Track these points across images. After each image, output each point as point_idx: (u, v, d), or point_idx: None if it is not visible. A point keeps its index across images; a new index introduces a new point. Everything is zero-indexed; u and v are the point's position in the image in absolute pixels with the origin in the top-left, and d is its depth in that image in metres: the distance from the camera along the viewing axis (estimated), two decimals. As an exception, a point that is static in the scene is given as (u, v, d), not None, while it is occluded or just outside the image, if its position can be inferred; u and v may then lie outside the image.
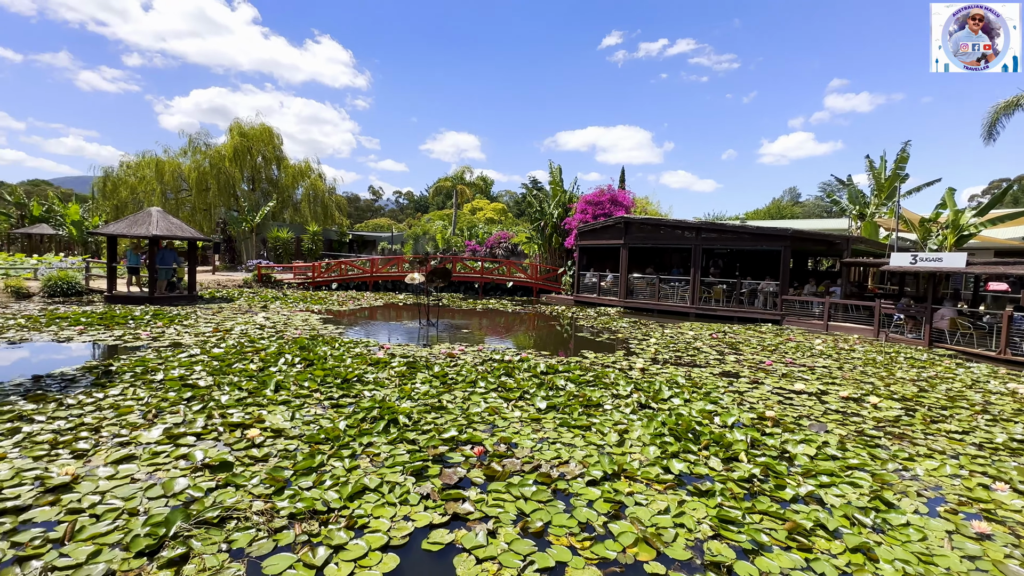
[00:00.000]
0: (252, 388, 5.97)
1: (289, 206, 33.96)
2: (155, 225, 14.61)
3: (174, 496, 3.41)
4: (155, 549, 2.81)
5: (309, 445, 4.39)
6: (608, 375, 7.45)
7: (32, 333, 9.37)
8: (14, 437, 4.30)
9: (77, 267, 18.17)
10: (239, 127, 31.49)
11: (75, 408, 5.10)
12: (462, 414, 5.40)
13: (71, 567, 2.63)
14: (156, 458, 4.01)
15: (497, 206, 54.37)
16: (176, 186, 30.41)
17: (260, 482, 3.65)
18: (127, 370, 6.64)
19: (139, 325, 10.51)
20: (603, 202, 21.12)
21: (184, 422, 4.80)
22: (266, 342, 8.99)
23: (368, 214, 72.67)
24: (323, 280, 22.52)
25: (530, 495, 3.64)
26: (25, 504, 3.24)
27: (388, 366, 7.47)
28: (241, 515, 3.20)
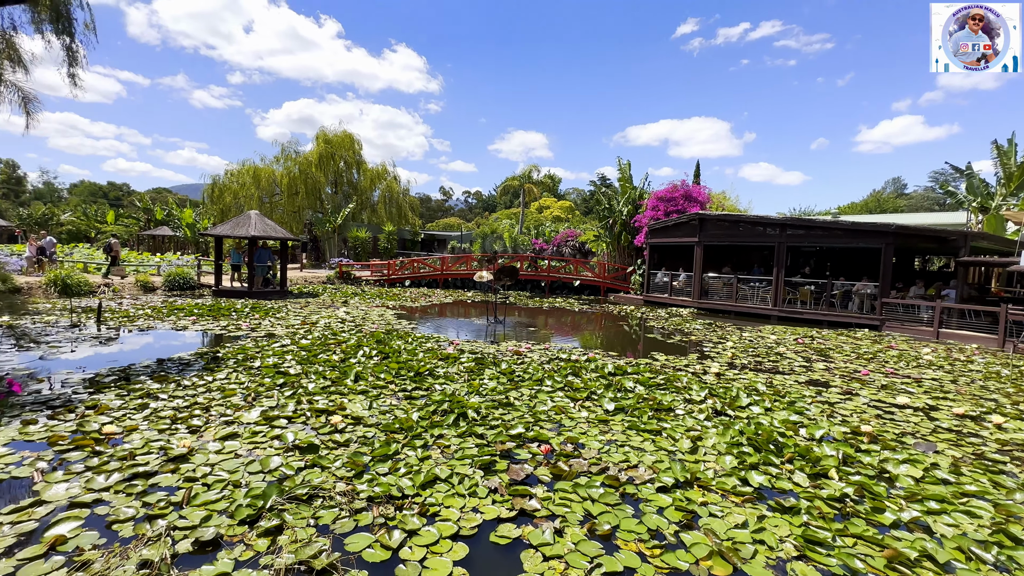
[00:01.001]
0: (335, 377, 6.43)
1: (367, 207, 36.03)
2: (253, 227, 16.16)
3: (270, 472, 3.77)
4: (255, 519, 3.13)
5: (385, 433, 4.65)
6: (680, 379, 7.16)
7: (156, 321, 10.75)
8: (143, 412, 4.97)
9: (190, 265, 20.55)
10: (324, 135, 33.90)
11: (190, 389, 5.79)
12: (529, 411, 5.44)
13: (188, 528, 3.00)
14: (255, 437, 4.45)
15: (564, 204, 54.04)
16: (270, 191, 33.37)
17: (342, 465, 3.92)
18: (231, 357, 7.42)
19: (240, 317, 11.70)
20: (676, 198, 20.25)
21: (277, 406, 5.28)
22: (347, 335, 9.63)
23: (439, 214, 75.28)
24: (397, 277, 23.68)
25: (597, 497, 3.59)
26: (152, 470, 3.74)
27: (457, 361, 7.70)
28: (326, 494, 3.46)
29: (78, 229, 41.45)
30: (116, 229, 40.12)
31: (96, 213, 45.65)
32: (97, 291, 15.08)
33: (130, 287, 16.32)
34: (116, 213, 43.61)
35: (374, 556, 2.84)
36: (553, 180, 61.06)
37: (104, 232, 39.65)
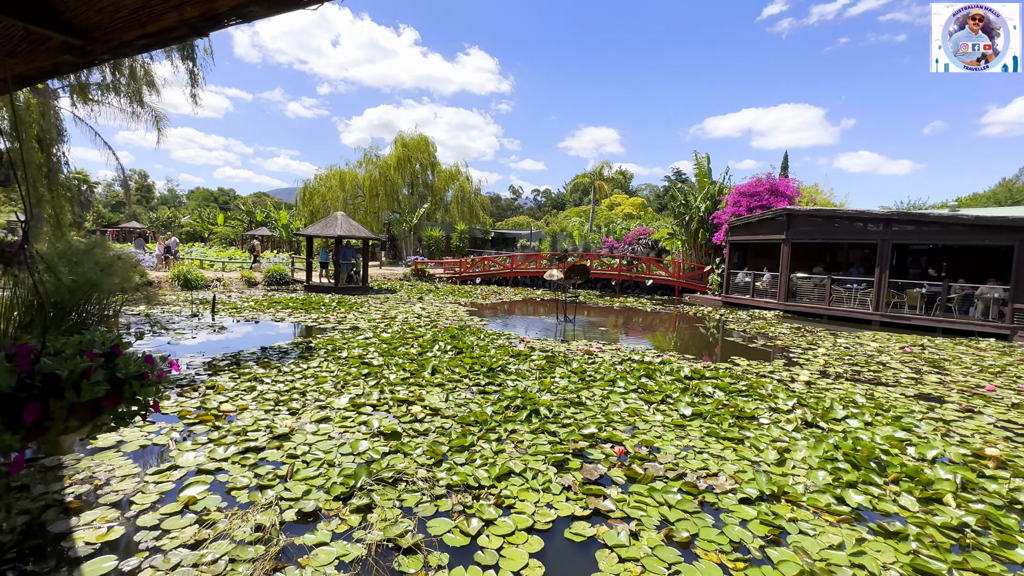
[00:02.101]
0: (413, 370, 6.79)
1: (441, 207, 37.41)
2: (339, 227, 17.40)
3: (359, 455, 4.08)
4: (347, 496, 3.41)
5: (461, 425, 4.84)
6: (764, 386, 6.72)
7: (258, 313, 11.96)
8: (251, 394, 5.58)
9: (285, 262, 22.57)
10: (402, 139, 35.67)
11: (289, 375, 6.40)
12: (601, 412, 5.40)
13: (292, 499, 3.34)
14: (344, 422, 4.83)
15: (636, 201, 52.51)
16: (353, 193, 35.73)
17: (423, 453, 4.15)
18: (322, 347, 8.08)
19: (328, 310, 12.68)
20: (760, 192, 18.94)
21: (363, 394, 5.68)
22: (423, 330, 10.10)
23: (508, 212, 76.24)
24: (469, 275, 24.36)
25: (674, 503, 3.50)
26: (261, 446, 4.19)
27: (528, 359, 7.80)
28: (409, 479, 3.69)
29: (195, 230, 47.00)
30: (224, 230, 45.00)
31: (209, 216, 51.50)
32: (211, 285, 17.04)
33: (236, 282, 18.26)
34: (224, 216, 48.90)
35: (454, 541, 2.99)
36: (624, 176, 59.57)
37: (215, 232, 44.59)
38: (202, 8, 1.30)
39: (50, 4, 1.45)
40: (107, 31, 1.50)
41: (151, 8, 1.37)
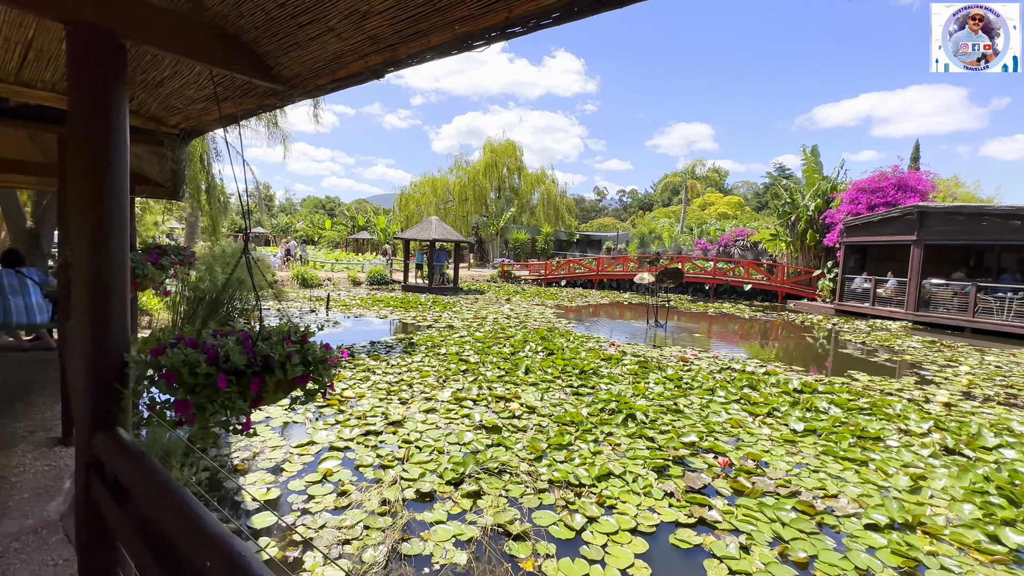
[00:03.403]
0: (508, 368, 7.06)
1: (526, 210, 38.01)
2: (434, 231, 18.45)
3: (464, 445, 4.38)
4: (458, 481, 3.69)
5: (558, 425, 4.97)
6: (891, 404, 6.04)
7: (364, 310, 13.10)
8: (366, 383, 6.18)
9: (384, 264, 24.39)
10: (490, 145, 36.81)
11: (396, 368, 6.98)
12: (700, 421, 5.23)
13: (410, 479, 3.69)
14: (449, 413, 5.18)
15: (732, 200, 49.23)
16: (444, 198, 37.58)
17: (523, 448, 4.34)
18: (422, 343, 8.68)
19: (424, 309, 13.52)
20: (883, 188, 16.87)
21: (463, 389, 6.04)
22: (513, 330, 10.40)
23: (592, 214, 75.26)
24: (554, 277, 24.50)
25: (788, 521, 3.32)
26: (379, 430, 4.66)
27: (620, 363, 7.74)
28: (513, 471, 3.89)
29: (307, 235, 52.37)
30: (331, 234, 49.57)
31: (318, 221, 57.11)
32: (323, 284, 18.96)
33: (344, 281, 20.10)
34: (331, 221, 53.91)
35: (559, 533, 3.12)
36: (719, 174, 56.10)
37: (324, 236, 49.28)
38: (385, 56, 1.56)
39: (265, 61, 1.82)
40: (305, 79, 1.85)
41: (342, 59, 1.67)
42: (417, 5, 1.33)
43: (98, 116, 1.42)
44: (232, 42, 1.72)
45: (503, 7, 1.24)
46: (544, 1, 1.18)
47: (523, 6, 1.21)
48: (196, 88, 2.27)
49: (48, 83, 2.27)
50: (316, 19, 1.50)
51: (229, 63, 1.74)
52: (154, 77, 2.21)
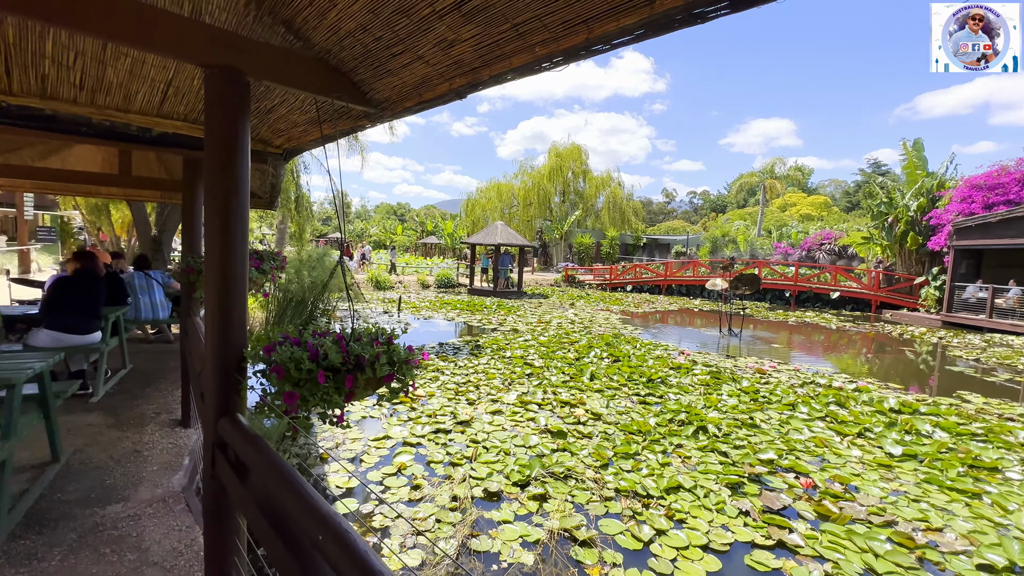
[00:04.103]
0: (572, 374, 7.04)
1: (591, 214, 37.57)
2: (499, 235, 18.79)
3: (530, 448, 4.44)
4: (524, 483, 3.76)
5: (624, 433, 4.89)
6: (1011, 432, 5.32)
7: (432, 311, 13.62)
8: (436, 383, 6.44)
9: (450, 267, 25.18)
10: (555, 149, 36.85)
11: (463, 369, 7.21)
12: (780, 437, 4.92)
13: (478, 478, 3.81)
14: (514, 416, 5.28)
15: (817, 200, 45.59)
16: (509, 203, 38.10)
17: (589, 455, 4.33)
18: (488, 346, 8.88)
19: (489, 312, 13.81)
20: (1004, 184, 14.85)
21: (528, 392, 6.12)
22: (577, 336, 10.34)
23: (660, 217, 72.77)
24: (619, 282, 24.00)
25: (882, 552, 3.05)
26: (448, 428, 4.85)
27: (690, 372, 7.45)
28: (579, 477, 3.90)
29: (379, 239, 55.33)
30: (401, 239, 51.97)
31: (390, 227, 60.11)
32: (395, 287, 19.94)
33: (413, 285, 21.01)
34: (402, 226, 56.54)
35: (626, 543, 3.08)
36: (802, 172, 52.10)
37: (395, 241, 51.79)
38: (469, 79, 1.67)
39: (360, 88, 2.01)
40: (394, 102, 2.01)
41: (429, 83, 1.81)
42: (500, 32, 1.42)
43: (227, 142, 1.65)
44: (333, 72, 1.92)
45: (583, 28, 1.29)
46: (625, 20, 1.21)
47: (603, 27, 1.25)
48: (300, 113, 2.54)
49: (181, 114, 2.64)
50: (408, 49, 1.64)
51: (330, 91, 1.94)
52: (265, 105, 2.51)
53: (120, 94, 2.41)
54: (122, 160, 5.35)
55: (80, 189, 7.14)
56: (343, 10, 1.59)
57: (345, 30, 1.69)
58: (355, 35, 1.71)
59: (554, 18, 1.30)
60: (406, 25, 1.54)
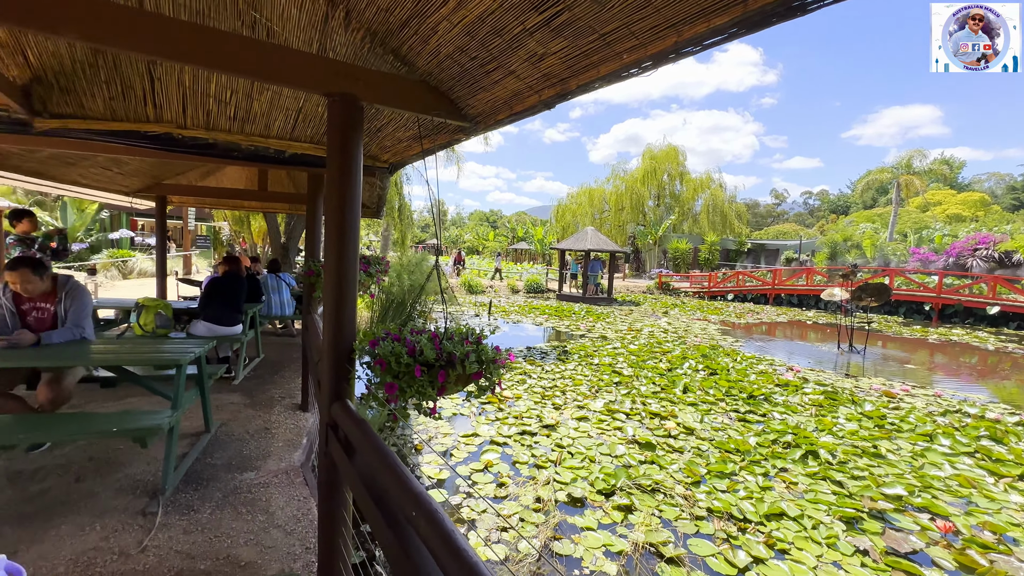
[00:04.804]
0: (663, 385, 6.75)
1: (688, 218, 35.66)
2: (589, 241, 18.60)
3: (616, 457, 4.35)
4: (609, 492, 3.70)
5: (719, 450, 4.59)
6: None
7: (521, 316, 13.87)
8: (523, 386, 6.57)
9: (539, 273, 25.41)
10: (650, 152, 35.61)
11: (550, 374, 7.26)
12: (911, 471, 4.27)
13: (562, 482, 3.83)
14: (600, 424, 5.20)
15: (971, 197, 38.82)
16: (600, 208, 37.51)
17: (679, 470, 4.13)
18: (576, 352, 8.84)
19: (578, 318, 13.72)
20: None
21: (616, 401, 5.99)
22: (670, 345, 9.88)
23: (768, 220, 66.76)
24: (719, 290, 22.46)
25: (1049, 621, 2.53)
26: (533, 431, 4.92)
27: (800, 391, 6.76)
28: (668, 492, 3.74)
29: (472, 245, 57.58)
30: (493, 245, 53.56)
31: (483, 233, 62.31)
32: (486, 291, 20.63)
33: (504, 289, 21.56)
34: (494, 232, 58.30)
35: (719, 567, 2.90)
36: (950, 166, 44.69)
37: (487, 247, 53.53)
38: (557, 89, 1.73)
39: (456, 104, 2.17)
40: (487, 115, 2.14)
41: (519, 96, 1.90)
42: (588, 42, 1.45)
43: (344, 160, 1.88)
44: (433, 92, 2.10)
45: (672, 32, 1.28)
46: (716, 20, 1.19)
47: (693, 28, 1.24)
48: (404, 130, 2.79)
49: (308, 137, 3.04)
50: (500, 65, 1.75)
51: (430, 109, 2.12)
52: (375, 125, 2.80)
53: (262, 122, 2.84)
54: (260, 178, 6.23)
55: (229, 203, 8.43)
56: (443, 35, 1.74)
57: (444, 53, 1.84)
58: (453, 57, 1.85)
59: (642, 25, 1.31)
60: (499, 44, 1.65)
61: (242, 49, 1.72)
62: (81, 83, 2.36)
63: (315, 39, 2.11)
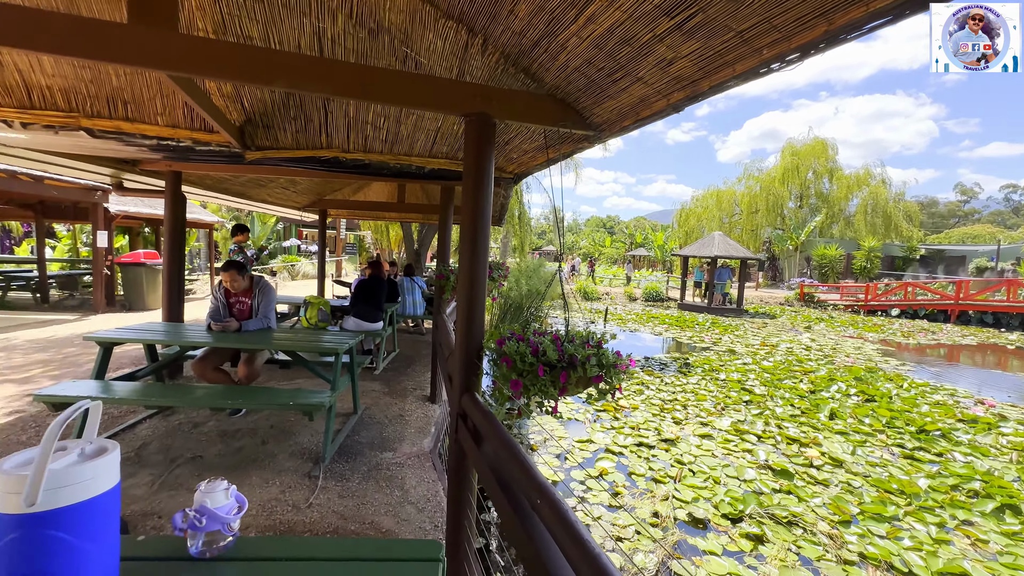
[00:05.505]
0: (804, 408, 6.00)
1: (839, 220, 31.13)
2: (716, 247, 17.27)
3: (745, 482, 4.00)
4: (736, 519, 3.42)
5: (877, 489, 3.95)
6: None
7: (639, 324, 13.39)
8: (640, 396, 6.36)
9: (659, 280, 24.24)
10: (791, 147, 31.88)
11: (670, 386, 6.91)
12: None
13: (682, 500, 3.64)
14: (727, 444, 4.82)
15: None
16: (730, 211, 34.54)
17: (823, 504, 3.65)
18: (699, 365, 8.28)
19: (702, 330, 12.81)
20: None
21: (746, 422, 5.48)
22: (813, 364, 8.73)
23: (951, 222, 55.19)
24: (879, 304, 19.19)
25: None
26: (651, 443, 4.74)
27: (994, 430, 5.49)
28: (808, 528, 3.34)
29: (588, 252, 57.10)
30: (610, 251, 52.52)
31: (599, 239, 61.44)
32: (602, 297, 20.33)
33: (620, 297, 21.01)
34: (611, 239, 57.12)
35: (873, 622, 2.51)
36: None
37: (604, 253, 52.69)
38: (687, 92, 1.70)
39: (582, 114, 2.23)
40: (612, 123, 2.17)
41: (646, 101, 1.90)
42: (723, 41, 1.41)
43: (478, 174, 2.06)
44: (560, 104, 2.19)
45: (822, 21, 1.19)
46: (876, 3, 1.08)
47: (847, 15, 1.13)
48: (529, 142, 2.94)
49: (444, 153, 3.37)
50: (628, 73, 1.77)
51: (556, 120, 2.21)
52: (503, 139, 2.99)
53: (407, 143, 3.22)
54: (399, 192, 6.98)
55: (373, 214, 9.58)
56: (572, 50, 1.82)
57: (572, 67, 1.92)
58: (580, 69, 1.92)
59: (785, 17, 1.24)
60: (627, 52, 1.67)
61: (395, 81, 1.99)
62: (277, 120, 2.93)
63: (455, 66, 2.34)
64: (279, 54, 2.03)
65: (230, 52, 1.80)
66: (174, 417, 3.65)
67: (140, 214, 9.70)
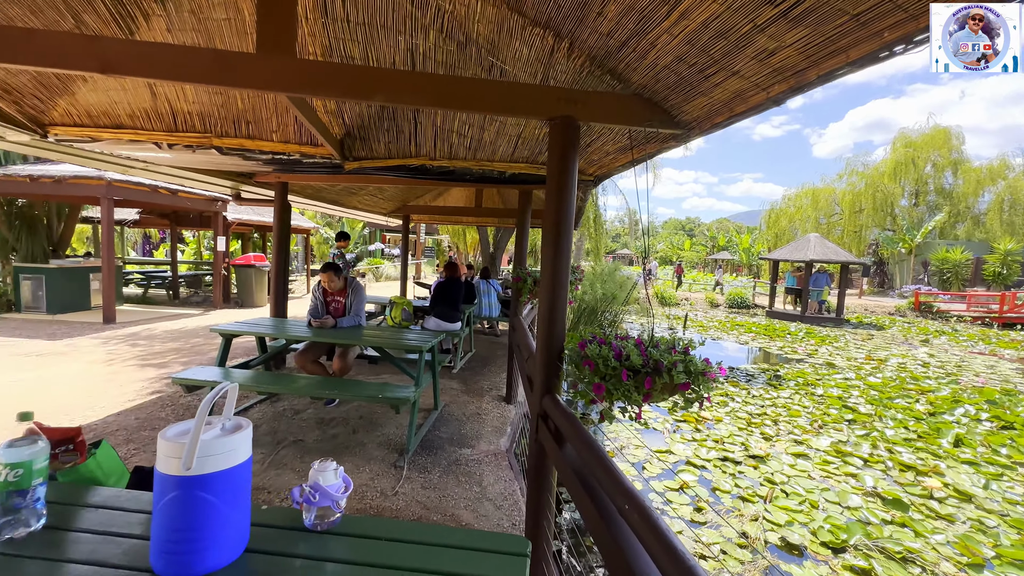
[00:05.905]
0: (922, 432, 5.31)
1: (965, 219, 27.19)
2: (812, 250, 15.82)
3: (849, 509, 3.62)
4: (839, 548, 3.10)
5: (1018, 531, 3.39)
6: None
7: (721, 332, 12.61)
8: (724, 409, 5.99)
9: (745, 286, 22.66)
10: (904, 138, 28.41)
11: (758, 399, 6.43)
12: None
13: (774, 522, 3.37)
14: (826, 466, 4.39)
15: None
16: (828, 211, 31.46)
17: (947, 542, 3.20)
18: (791, 378, 7.63)
19: (794, 340, 11.78)
20: None
21: (849, 443, 4.96)
22: (932, 383, 7.68)
23: (1119, 219, 45.83)
24: (1017, 317, 16.46)
25: None
26: (737, 459, 4.45)
27: None
28: (927, 567, 2.95)
29: (666, 255, 54.85)
30: (689, 255, 50.07)
31: (677, 242, 58.80)
32: (681, 303, 19.43)
33: (701, 303, 19.94)
34: (691, 242, 54.43)
35: None
36: None
37: (682, 257, 50.37)
38: (791, 83, 1.59)
39: (670, 112, 2.17)
40: (702, 120, 2.09)
41: (742, 95, 1.80)
42: (835, 27, 1.30)
43: (562, 177, 2.07)
44: (647, 103, 2.14)
45: (959, -5, 1.06)
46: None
47: (994, -15, 1.00)
48: (612, 143, 2.91)
49: (524, 158, 3.43)
50: (722, 68, 1.69)
51: (642, 120, 2.17)
52: (586, 141, 2.98)
53: (490, 149, 3.32)
54: (477, 196, 7.19)
55: (451, 219, 9.94)
56: (662, 48, 1.77)
57: (661, 65, 1.88)
58: (670, 67, 1.87)
59: (913, -6, 1.12)
60: (722, 46, 1.60)
61: (481, 90, 2.07)
62: (372, 132, 3.16)
63: (539, 71, 2.38)
64: (377, 71, 2.19)
65: (337, 72, 1.98)
66: (279, 403, 4.04)
67: (251, 221, 10.90)
